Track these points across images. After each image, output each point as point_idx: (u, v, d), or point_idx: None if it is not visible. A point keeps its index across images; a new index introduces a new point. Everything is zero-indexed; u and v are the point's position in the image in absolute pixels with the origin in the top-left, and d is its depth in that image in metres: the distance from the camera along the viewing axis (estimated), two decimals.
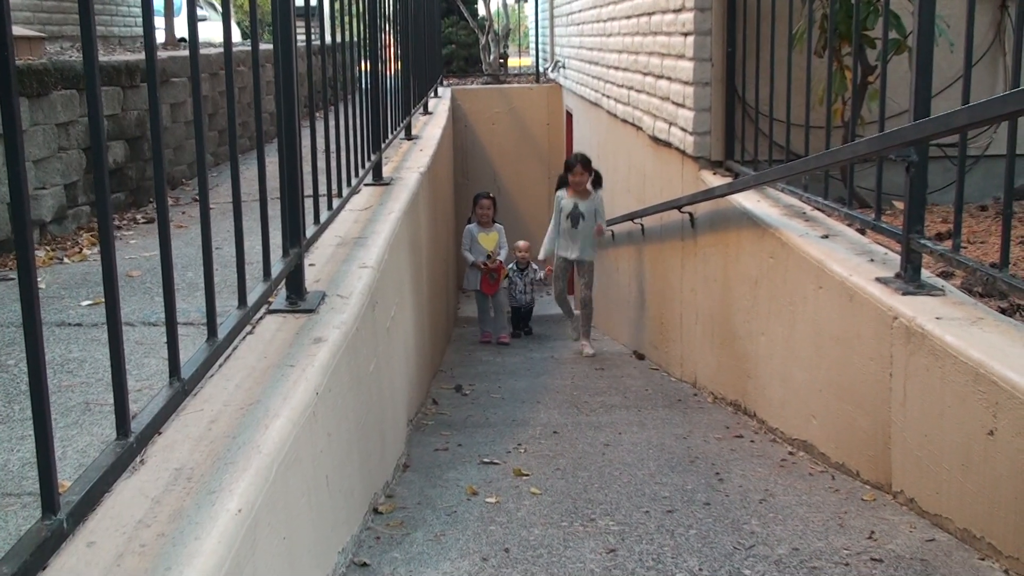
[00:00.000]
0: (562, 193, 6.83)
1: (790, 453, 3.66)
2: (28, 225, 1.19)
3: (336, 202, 3.30)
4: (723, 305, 4.75)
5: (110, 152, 4.79)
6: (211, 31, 13.89)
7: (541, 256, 7.25)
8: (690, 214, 5.24)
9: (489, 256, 7.99)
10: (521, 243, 8.59)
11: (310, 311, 2.58)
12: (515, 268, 8.48)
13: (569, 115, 10.93)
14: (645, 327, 6.62)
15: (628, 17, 6.87)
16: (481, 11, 15.81)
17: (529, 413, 4.67)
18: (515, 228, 9.54)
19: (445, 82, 12.41)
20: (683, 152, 5.37)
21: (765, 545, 2.59)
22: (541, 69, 13.56)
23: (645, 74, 6.24)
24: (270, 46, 2.60)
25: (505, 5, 15.45)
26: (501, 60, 14.68)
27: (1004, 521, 2.36)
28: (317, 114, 3.19)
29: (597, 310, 7.27)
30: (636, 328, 6.92)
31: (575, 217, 6.68)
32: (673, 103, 5.51)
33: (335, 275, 2.96)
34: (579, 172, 6.64)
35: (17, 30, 7.11)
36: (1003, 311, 2.91)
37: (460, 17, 15.59)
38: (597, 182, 6.76)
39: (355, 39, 4.01)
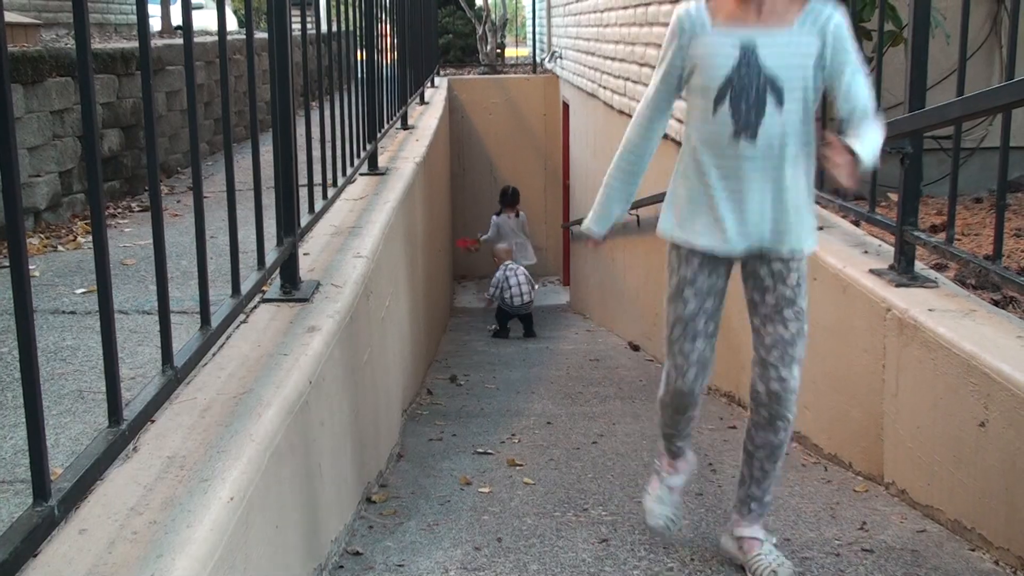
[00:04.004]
0: (694, 10, 2.16)
1: None
2: (19, 211, 1.19)
3: (331, 191, 3.30)
4: None
5: (105, 140, 4.77)
6: (207, 19, 13.84)
7: (591, 226, 2.45)
8: None
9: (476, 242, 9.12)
10: (501, 246, 8.49)
11: (304, 300, 2.58)
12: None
13: (566, 105, 10.91)
14: (640, 318, 6.63)
15: (625, 8, 6.85)
16: (478, 1, 15.75)
17: (523, 403, 4.67)
18: None
19: (442, 72, 12.39)
20: (678, 143, 5.36)
21: None
22: (538, 59, 13.52)
23: (642, 65, 6.23)
24: (266, 35, 2.59)
25: None
26: (498, 50, 14.63)
27: (995, 512, 2.37)
28: (312, 103, 3.19)
29: (590, 301, 6.82)
30: (631, 319, 6.92)
31: (759, 92, 2.11)
32: None
33: (330, 264, 2.96)
34: None
35: (12, 17, 7.10)
36: (996, 303, 2.92)
37: (457, 7, 15.53)
38: None
39: (351, 28, 4.00)
